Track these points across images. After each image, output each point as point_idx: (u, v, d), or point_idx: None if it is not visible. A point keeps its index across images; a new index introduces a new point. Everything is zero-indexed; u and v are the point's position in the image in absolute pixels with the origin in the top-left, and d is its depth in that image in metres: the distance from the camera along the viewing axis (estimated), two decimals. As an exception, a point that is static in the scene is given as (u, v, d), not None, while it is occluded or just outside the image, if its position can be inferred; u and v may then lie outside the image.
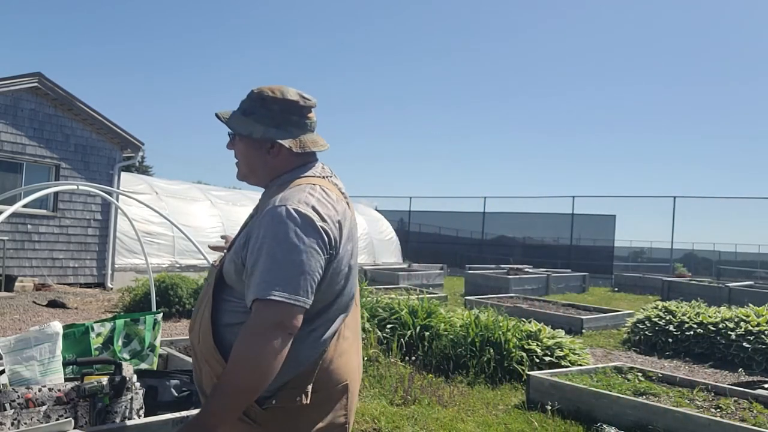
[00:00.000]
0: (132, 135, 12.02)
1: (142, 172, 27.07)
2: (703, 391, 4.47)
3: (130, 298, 8.49)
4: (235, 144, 1.65)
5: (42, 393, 2.28)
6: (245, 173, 1.68)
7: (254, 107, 1.61)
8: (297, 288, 1.41)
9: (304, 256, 1.43)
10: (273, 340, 1.38)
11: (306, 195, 1.51)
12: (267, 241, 1.44)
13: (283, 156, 1.61)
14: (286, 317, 1.40)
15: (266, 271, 1.41)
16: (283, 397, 1.51)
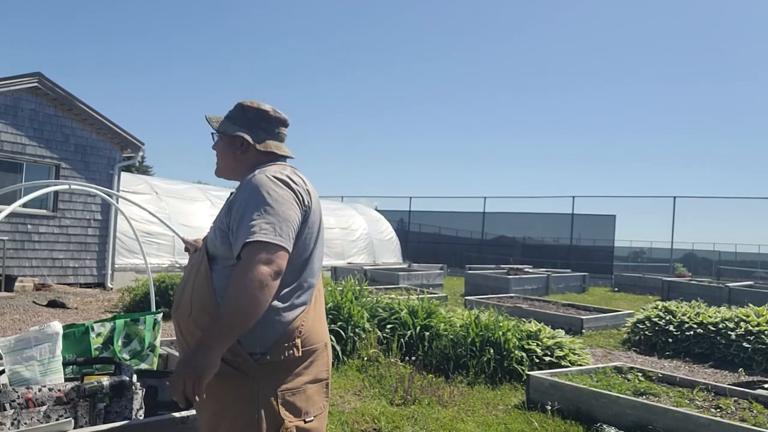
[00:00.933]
0: (132, 135, 12.02)
1: (142, 172, 27.07)
2: (703, 391, 4.47)
3: (130, 298, 8.50)
4: (217, 143, 1.96)
5: (42, 393, 2.28)
6: (221, 167, 1.97)
7: (235, 113, 1.93)
8: (280, 231, 1.62)
9: (283, 206, 1.67)
10: (263, 273, 1.55)
11: (276, 169, 1.81)
12: (249, 200, 1.68)
13: (250, 153, 1.90)
14: (273, 255, 1.58)
15: (251, 220, 1.62)
16: (276, 352, 1.68)
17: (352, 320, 5.83)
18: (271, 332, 1.68)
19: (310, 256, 1.79)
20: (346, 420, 4.01)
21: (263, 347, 1.68)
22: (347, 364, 5.49)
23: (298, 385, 1.73)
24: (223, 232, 1.74)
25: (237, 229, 1.66)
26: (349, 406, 4.37)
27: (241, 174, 1.89)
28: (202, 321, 1.70)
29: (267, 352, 1.68)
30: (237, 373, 1.65)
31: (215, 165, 1.99)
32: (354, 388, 4.83)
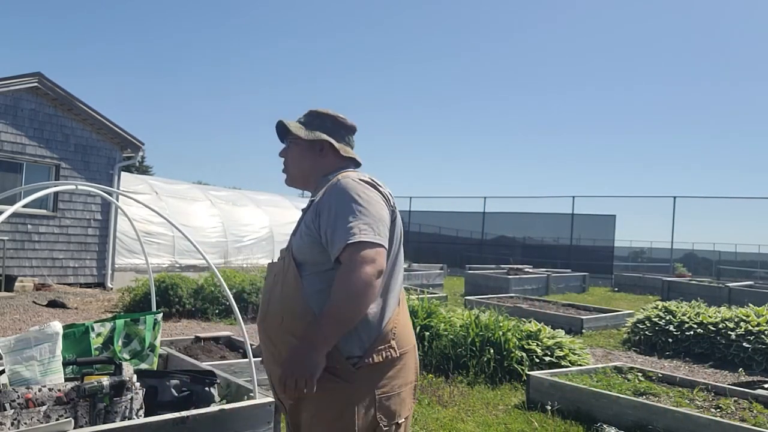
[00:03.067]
0: (132, 135, 12.02)
1: (142, 172, 27.07)
2: (703, 391, 4.47)
3: (130, 298, 8.50)
4: (289, 151, 1.95)
5: (42, 393, 2.28)
6: (295, 175, 1.96)
7: (310, 120, 1.94)
8: (377, 231, 1.64)
9: (375, 207, 1.69)
10: (368, 273, 1.57)
11: (360, 174, 1.84)
12: (341, 203, 1.69)
13: (330, 158, 1.91)
14: (375, 254, 1.60)
15: (347, 222, 1.63)
16: (373, 355, 1.68)
17: (352, 320, 5.83)
18: (367, 335, 1.68)
19: (397, 257, 1.80)
20: (346, 420, 4.01)
21: (361, 350, 1.68)
22: (347, 364, 5.48)
23: (393, 388, 1.73)
24: (312, 237, 1.72)
25: (333, 233, 1.66)
26: (349, 406, 4.37)
27: (315, 180, 1.90)
28: (295, 328, 1.69)
29: (364, 355, 1.68)
30: (334, 377, 1.65)
31: (286, 173, 1.97)
32: (354, 388, 4.83)
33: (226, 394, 2.94)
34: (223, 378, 3.01)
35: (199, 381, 2.82)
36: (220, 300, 8.40)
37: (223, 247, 14.41)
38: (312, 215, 1.75)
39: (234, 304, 2.80)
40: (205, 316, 8.23)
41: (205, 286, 8.60)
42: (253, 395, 2.74)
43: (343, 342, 1.64)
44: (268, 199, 17.61)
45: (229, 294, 2.79)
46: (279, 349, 1.75)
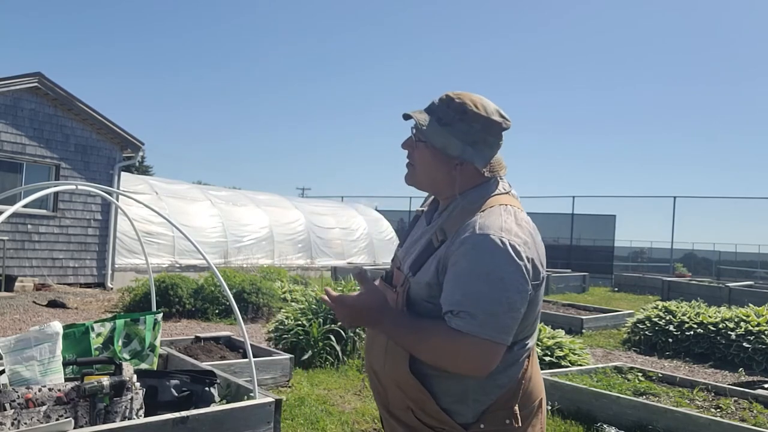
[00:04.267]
0: (132, 135, 12.02)
1: (142, 172, 27.07)
2: (703, 391, 4.47)
3: (130, 298, 8.49)
4: (418, 148, 1.53)
5: (42, 393, 2.28)
6: (422, 181, 1.58)
7: (452, 118, 1.48)
8: (505, 328, 1.36)
9: (512, 294, 1.36)
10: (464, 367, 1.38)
11: (506, 221, 1.42)
12: (474, 274, 1.37)
13: (469, 174, 1.51)
14: (489, 357, 1.37)
15: (476, 305, 1.34)
16: (491, 420, 1.45)
17: (352, 320, 5.83)
18: (483, 399, 1.45)
19: (534, 322, 1.52)
20: (346, 420, 4.01)
21: (474, 416, 1.45)
22: (347, 364, 5.49)
23: None
24: (433, 290, 1.45)
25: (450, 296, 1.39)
26: (349, 406, 4.37)
27: (446, 192, 1.54)
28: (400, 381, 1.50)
29: (479, 420, 1.45)
30: None
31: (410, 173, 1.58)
32: (354, 388, 4.83)
33: (226, 394, 2.94)
34: (223, 378, 3.02)
35: (199, 381, 2.82)
36: (220, 300, 8.39)
37: (223, 247, 14.41)
38: (434, 263, 1.46)
39: (234, 304, 2.80)
40: (205, 316, 8.23)
41: (205, 286, 8.60)
42: (253, 395, 2.74)
43: (452, 406, 1.45)
44: (268, 199, 17.61)
45: (229, 294, 2.79)
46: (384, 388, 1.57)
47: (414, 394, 1.47)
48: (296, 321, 5.86)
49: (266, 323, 7.49)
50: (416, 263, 1.50)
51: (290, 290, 9.54)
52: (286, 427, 3.76)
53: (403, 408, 1.50)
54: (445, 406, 1.44)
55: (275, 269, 12.12)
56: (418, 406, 1.47)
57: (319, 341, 5.58)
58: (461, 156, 1.48)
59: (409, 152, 1.56)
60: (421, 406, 1.46)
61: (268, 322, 7.34)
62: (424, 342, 1.40)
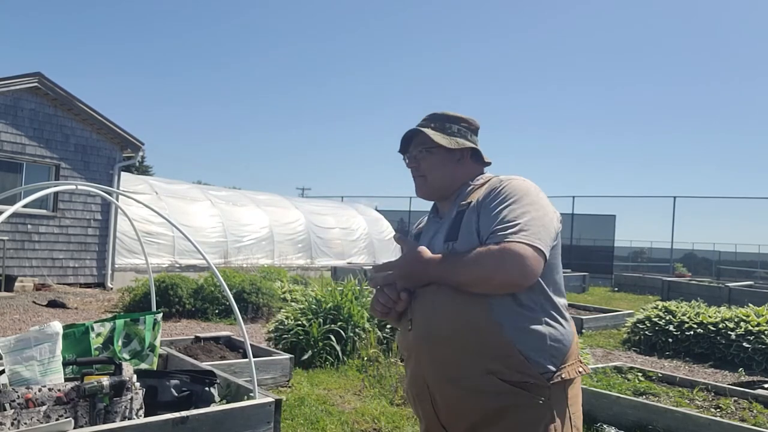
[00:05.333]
0: (132, 135, 12.02)
1: (142, 172, 27.07)
2: (703, 391, 4.47)
3: (130, 298, 8.50)
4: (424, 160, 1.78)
5: (42, 393, 2.28)
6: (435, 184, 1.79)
7: (443, 125, 1.79)
8: (544, 238, 1.51)
9: (549, 213, 1.58)
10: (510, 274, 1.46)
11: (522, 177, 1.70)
12: (516, 198, 1.57)
13: (467, 165, 1.80)
14: (532, 262, 1.47)
15: (514, 219, 1.51)
16: (567, 370, 1.56)
17: (352, 320, 5.83)
18: (561, 348, 1.55)
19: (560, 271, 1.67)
20: (346, 420, 4.01)
21: (555, 364, 1.53)
22: (347, 364, 5.49)
23: (579, 406, 1.62)
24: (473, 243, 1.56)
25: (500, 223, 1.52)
26: (349, 406, 4.37)
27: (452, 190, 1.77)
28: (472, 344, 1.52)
29: (558, 370, 1.53)
30: (527, 393, 1.50)
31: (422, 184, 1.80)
32: (354, 388, 4.83)
33: (226, 394, 2.94)
34: (223, 378, 3.02)
35: (199, 381, 2.82)
36: (220, 300, 8.40)
37: (223, 247, 14.41)
38: (474, 214, 1.61)
39: (234, 304, 2.80)
40: (205, 316, 8.23)
41: (205, 286, 8.60)
42: (253, 395, 2.74)
43: (535, 354, 1.50)
44: (268, 199, 17.61)
45: (229, 294, 2.79)
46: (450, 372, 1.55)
47: (496, 348, 1.50)
48: (296, 321, 5.86)
49: (266, 323, 7.49)
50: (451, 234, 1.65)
51: (290, 290, 9.54)
52: (286, 427, 3.76)
53: (481, 373, 1.51)
54: (525, 356, 1.49)
55: (275, 269, 12.12)
56: (501, 363, 1.49)
57: (319, 341, 5.57)
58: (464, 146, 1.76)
59: (416, 167, 1.80)
60: (505, 362, 1.49)
61: (268, 322, 7.34)
62: (470, 262, 1.49)
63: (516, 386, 1.49)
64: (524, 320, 1.51)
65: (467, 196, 1.71)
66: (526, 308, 1.53)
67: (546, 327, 1.53)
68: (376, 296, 1.67)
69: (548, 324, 1.54)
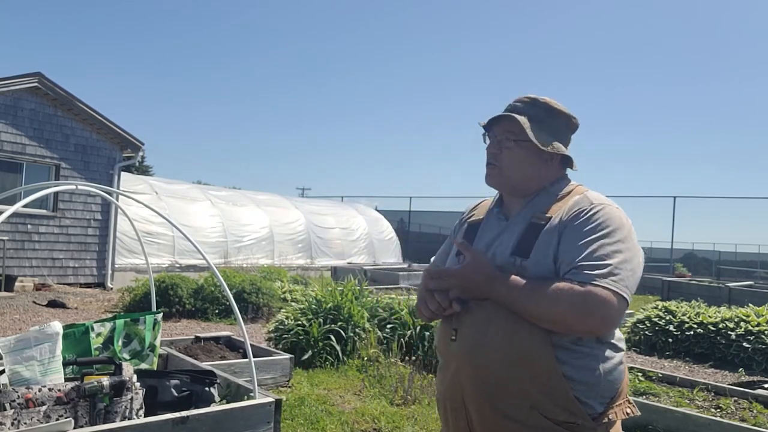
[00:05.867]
0: (132, 135, 12.02)
1: (142, 172, 27.07)
2: (703, 391, 4.47)
3: (130, 298, 8.50)
4: (508, 150, 1.59)
5: (42, 393, 2.28)
6: (510, 179, 1.60)
7: (542, 116, 1.60)
8: (631, 286, 1.39)
9: (640, 259, 1.45)
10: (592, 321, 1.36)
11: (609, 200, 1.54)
12: (609, 231, 1.42)
13: (553, 167, 1.62)
14: (617, 312, 1.37)
15: (606, 260, 1.38)
16: (616, 411, 1.48)
17: (352, 320, 5.83)
18: (610, 387, 1.45)
19: None
20: (346, 420, 4.01)
21: (604, 404, 1.45)
22: (347, 364, 5.48)
23: None
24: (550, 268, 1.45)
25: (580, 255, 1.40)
26: (349, 406, 4.37)
27: (532, 187, 1.59)
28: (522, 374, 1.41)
29: (607, 410, 1.45)
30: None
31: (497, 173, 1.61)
32: (354, 388, 4.83)
33: (226, 394, 2.94)
34: (223, 378, 3.01)
35: (199, 381, 2.82)
36: (220, 300, 8.40)
37: (223, 247, 14.41)
38: (555, 236, 1.46)
39: (234, 304, 2.80)
40: (205, 316, 8.23)
41: (205, 286, 8.60)
42: (253, 395, 2.74)
43: (587, 393, 1.41)
44: (268, 199, 17.62)
45: (229, 294, 2.79)
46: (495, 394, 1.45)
47: (547, 383, 1.40)
48: (296, 321, 5.86)
49: (266, 323, 7.49)
50: (521, 247, 1.50)
51: (290, 290, 9.54)
52: (286, 427, 3.76)
53: (526, 405, 1.41)
54: (577, 395, 1.40)
55: (275, 269, 12.12)
56: (549, 399, 1.39)
57: (319, 341, 5.57)
58: (555, 150, 1.57)
59: (495, 154, 1.61)
60: (553, 399, 1.39)
61: (268, 322, 7.34)
62: (548, 297, 1.36)
63: (560, 425, 1.40)
64: (583, 356, 1.41)
65: (546, 207, 1.54)
66: (586, 343, 1.42)
67: (603, 364, 1.43)
68: (425, 300, 1.54)
69: (606, 360, 1.44)
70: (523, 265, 1.46)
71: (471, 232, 1.68)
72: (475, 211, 1.77)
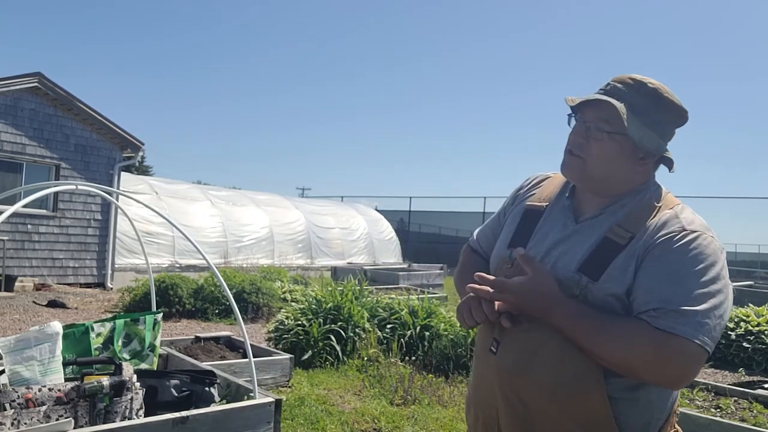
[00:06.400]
0: (132, 135, 12.02)
1: (142, 172, 27.08)
2: (703, 391, 4.47)
3: (130, 298, 8.50)
4: (596, 141, 1.33)
5: (42, 393, 2.28)
6: (594, 175, 1.36)
7: (647, 107, 1.33)
8: (715, 337, 1.18)
9: (729, 303, 1.22)
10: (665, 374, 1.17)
11: (704, 222, 1.30)
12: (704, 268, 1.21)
13: (646, 168, 1.37)
14: (694, 366, 1.18)
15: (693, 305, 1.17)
16: None
17: (352, 320, 5.83)
18: (657, 418, 1.28)
19: None
20: (346, 420, 4.01)
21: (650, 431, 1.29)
22: (347, 364, 5.49)
23: None
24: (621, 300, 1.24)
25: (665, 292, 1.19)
26: (349, 406, 4.37)
27: (617, 188, 1.36)
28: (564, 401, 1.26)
29: None
30: None
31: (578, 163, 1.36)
32: (354, 388, 4.83)
33: (226, 394, 2.94)
34: (223, 378, 3.01)
35: (199, 381, 2.82)
36: (220, 300, 8.40)
37: (223, 247, 14.41)
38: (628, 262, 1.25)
39: (234, 304, 2.79)
40: (205, 316, 8.23)
41: (205, 286, 8.61)
42: (253, 395, 2.74)
43: (633, 419, 1.24)
44: (268, 199, 17.62)
45: (229, 294, 2.79)
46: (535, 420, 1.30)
47: (588, 414, 1.24)
48: (296, 321, 5.86)
49: (266, 323, 7.49)
50: (591, 264, 1.28)
51: (290, 290, 9.54)
52: (286, 427, 3.76)
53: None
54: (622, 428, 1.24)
55: (275, 269, 12.12)
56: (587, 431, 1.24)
57: (319, 341, 5.58)
58: (657, 151, 1.33)
59: (580, 143, 1.36)
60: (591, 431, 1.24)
61: (268, 322, 7.34)
62: (619, 340, 1.17)
63: None
64: (638, 402, 1.25)
65: (629, 220, 1.31)
66: (646, 388, 1.26)
67: (658, 413, 1.27)
68: (471, 307, 1.35)
69: (662, 410, 1.28)
70: (588, 287, 1.25)
71: (529, 222, 1.44)
72: (536, 189, 1.51)
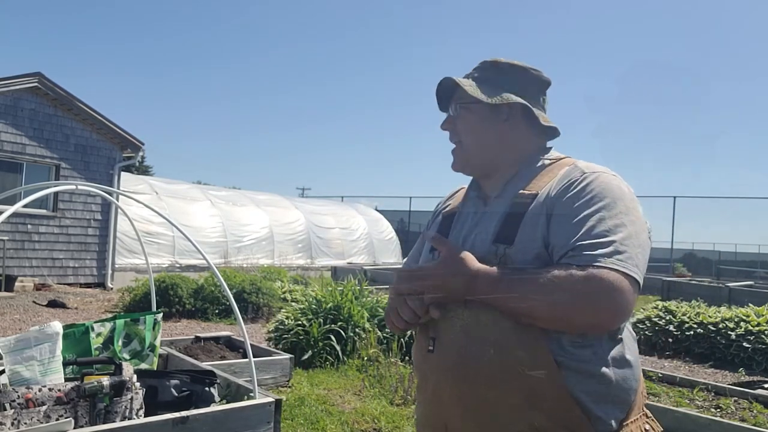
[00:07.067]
0: (132, 135, 12.03)
1: (142, 172, 27.07)
2: (703, 391, 4.47)
3: (130, 298, 8.50)
4: (460, 119, 1.36)
5: (42, 393, 2.28)
6: (472, 153, 1.36)
7: (488, 75, 1.35)
8: (641, 267, 1.14)
9: (646, 235, 1.20)
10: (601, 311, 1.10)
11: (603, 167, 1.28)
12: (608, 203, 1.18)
13: (521, 130, 1.34)
14: (628, 298, 1.09)
15: (616, 237, 1.12)
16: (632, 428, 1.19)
17: (352, 320, 5.83)
18: (627, 395, 1.18)
19: None
20: (346, 420, 4.01)
21: (617, 418, 1.16)
22: (347, 364, 5.49)
23: None
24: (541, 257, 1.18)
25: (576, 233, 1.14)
26: (349, 406, 4.37)
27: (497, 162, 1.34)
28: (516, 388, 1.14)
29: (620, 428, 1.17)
30: None
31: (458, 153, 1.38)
32: (354, 388, 4.83)
33: (226, 394, 2.94)
34: (223, 378, 3.01)
35: (199, 381, 2.82)
36: (220, 300, 8.40)
37: (223, 247, 14.41)
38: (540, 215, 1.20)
39: (234, 304, 2.79)
40: (205, 316, 8.23)
41: (205, 286, 8.61)
42: (253, 395, 2.74)
43: (596, 407, 1.13)
44: (267, 199, 17.62)
45: (229, 294, 2.79)
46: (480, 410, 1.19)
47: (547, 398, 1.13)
48: (296, 321, 5.86)
49: (266, 323, 7.49)
50: (504, 233, 1.23)
51: (290, 290, 9.54)
52: (286, 427, 3.76)
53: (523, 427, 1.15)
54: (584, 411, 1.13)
55: (275, 269, 12.13)
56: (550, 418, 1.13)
57: (319, 341, 5.57)
58: (508, 101, 1.30)
59: (452, 131, 1.39)
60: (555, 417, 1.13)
61: (268, 322, 7.34)
62: (541, 288, 1.09)
63: None
64: (587, 359, 1.14)
65: (529, 181, 1.29)
66: (591, 342, 1.15)
67: (613, 369, 1.15)
68: (395, 307, 1.26)
69: (617, 363, 1.16)
70: (507, 253, 1.20)
71: (446, 224, 1.42)
72: (450, 200, 1.51)
